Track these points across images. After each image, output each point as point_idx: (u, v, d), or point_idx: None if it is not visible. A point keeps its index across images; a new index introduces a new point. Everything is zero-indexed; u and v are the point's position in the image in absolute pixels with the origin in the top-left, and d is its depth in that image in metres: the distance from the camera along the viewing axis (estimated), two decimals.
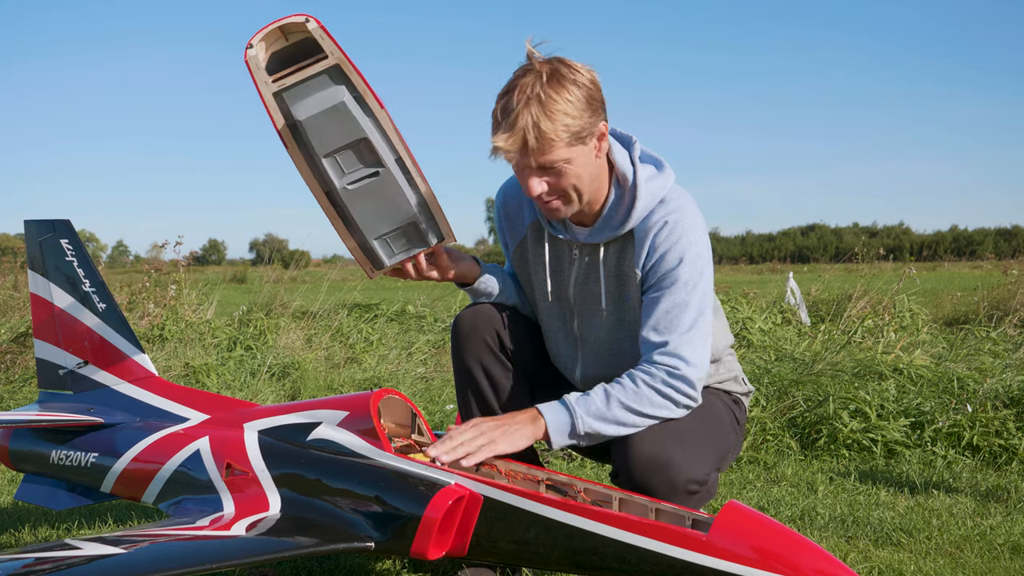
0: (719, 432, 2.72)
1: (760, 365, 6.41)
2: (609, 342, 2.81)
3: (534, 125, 2.43)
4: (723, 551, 2.21)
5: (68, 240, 3.43)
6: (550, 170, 2.52)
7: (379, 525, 2.51)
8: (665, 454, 2.47)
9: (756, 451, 5.15)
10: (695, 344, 2.60)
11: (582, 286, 2.80)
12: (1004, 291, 10.95)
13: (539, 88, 2.44)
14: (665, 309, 2.61)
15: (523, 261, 2.92)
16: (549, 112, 2.43)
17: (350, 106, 2.32)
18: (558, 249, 2.83)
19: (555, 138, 2.46)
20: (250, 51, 2.23)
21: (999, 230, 54.22)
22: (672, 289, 2.62)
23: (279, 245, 15.29)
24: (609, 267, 2.75)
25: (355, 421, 2.68)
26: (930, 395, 5.59)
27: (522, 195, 2.89)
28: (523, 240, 2.91)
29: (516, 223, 2.92)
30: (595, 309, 2.79)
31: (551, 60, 2.51)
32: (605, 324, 2.80)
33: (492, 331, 2.82)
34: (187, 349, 7.75)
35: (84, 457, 3.18)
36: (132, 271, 16.04)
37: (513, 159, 2.52)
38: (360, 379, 7.34)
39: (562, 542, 2.38)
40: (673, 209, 2.66)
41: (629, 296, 2.74)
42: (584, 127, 2.50)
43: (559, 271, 2.83)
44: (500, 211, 2.96)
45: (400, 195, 2.49)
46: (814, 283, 11.57)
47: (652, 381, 2.57)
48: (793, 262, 34.39)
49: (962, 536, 3.57)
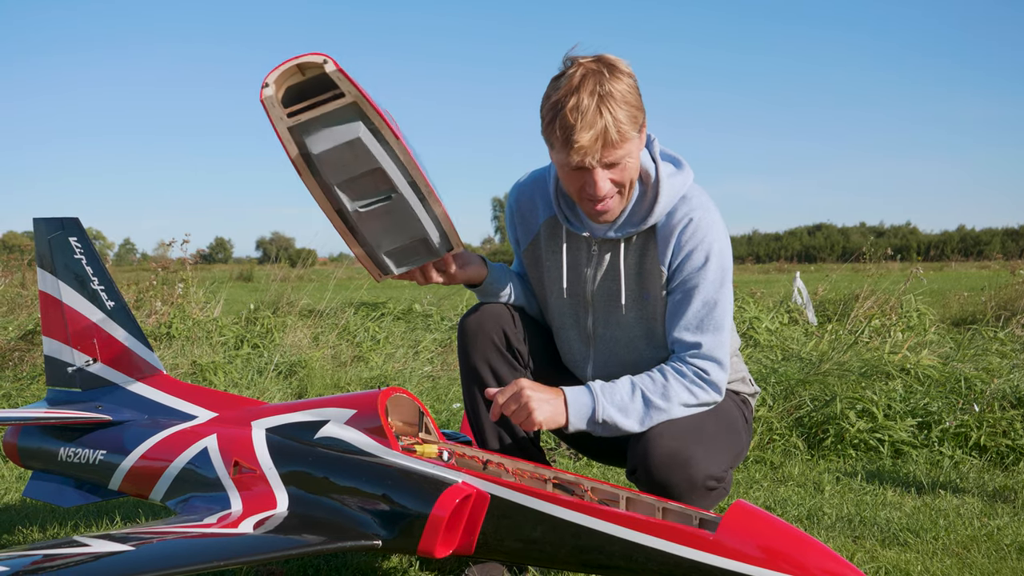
0: (734, 430, 2.74)
1: (767, 365, 6.41)
2: (625, 340, 2.81)
3: (614, 121, 2.46)
4: (730, 550, 2.21)
5: (77, 238, 3.44)
6: (615, 166, 2.55)
7: (386, 523, 2.51)
8: (685, 451, 2.48)
9: (763, 451, 5.15)
10: (724, 345, 2.66)
11: (601, 283, 2.80)
12: (1012, 291, 10.93)
13: (606, 85, 2.47)
14: (696, 309, 2.65)
15: (535, 259, 2.92)
16: (620, 104, 2.48)
17: (365, 140, 2.30)
18: (575, 246, 2.83)
19: (630, 130, 2.51)
20: (266, 90, 2.20)
21: (1006, 230, 54.05)
22: (701, 288, 2.66)
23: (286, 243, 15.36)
24: (630, 264, 2.75)
25: (362, 419, 2.68)
26: (937, 395, 5.58)
27: (536, 194, 2.89)
28: (536, 237, 2.91)
29: (529, 221, 2.92)
30: (613, 306, 2.79)
31: (597, 58, 2.53)
32: (623, 321, 2.79)
33: (499, 331, 2.82)
34: (194, 347, 7.76)
35: (92, 455, 3.19)
36: (139, 269, 16.06)
37: (584, 158, 2.50)
38: (367, 378, 7.35)
39: (569, 541, 2.38)
40: (696, 206, 2.68)
41: (649, 294, 2.74)
42: (641, 117, 2.56)
43: (576, 268, 2.83)
44: (513, 209, 2.96)
45: (411, 216, 2.48)
46: (821, 283, 11.55)
47: (683, 380, 2.61)
48: (800, 262, 34.36)
49: (969, 536, 3.56)
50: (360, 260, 2.58)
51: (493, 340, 2.82)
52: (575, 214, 2.80)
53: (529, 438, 2.85)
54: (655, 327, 2.77)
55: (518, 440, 2.83)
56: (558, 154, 2.54)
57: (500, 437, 2.83)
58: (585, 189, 2.58)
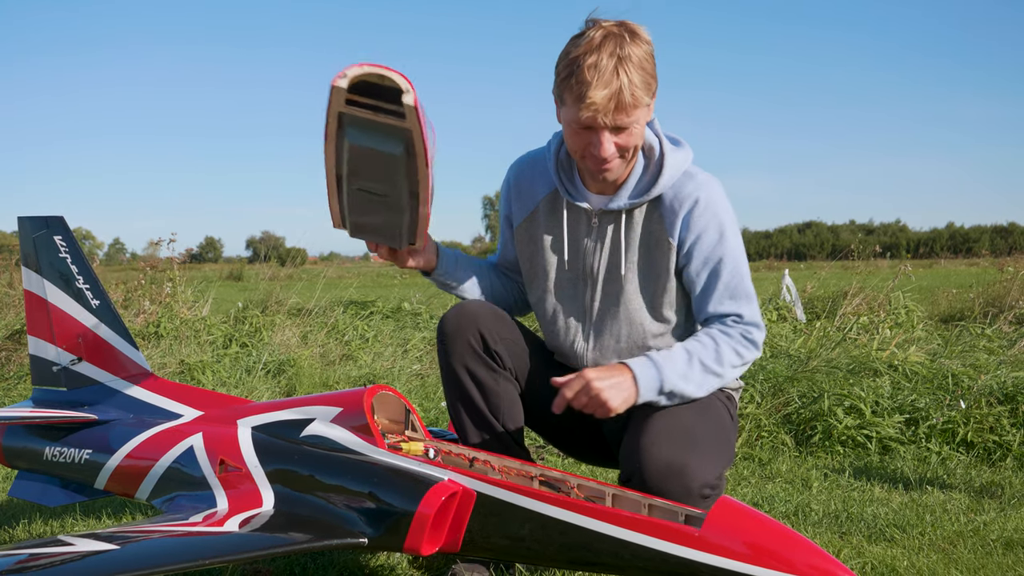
0: (724, 433, 2.73)
1: (755, 362, 6.41)
2: (624, 313, 2.79)
3: (630, 83, 2.48)
4: (716, 547, 2.21)
5: (62, 237, 3.42)
6: (623, 130, 2.57)
7: (372, 521, 2.51)
8: (680, 461, 2.45)
9: (751, 447, 5.16)
10: (758, 310, 2.75)
11: (601, 255, 2.80)
12: (1000, 288, 10.97)
13: (626, 48, 2.49)
14: (727, 282, 2.70)
15: (531, 236, 2.90)
16: (638, 71, 2.50)
17: (398, 162, 2.31)
18: (576, 218, 2.83)
19: (644, 96, 2.54)
20: (340, 80, 2.17)
21: (995, 227, 54.30)
22: (724, 261, 2.71)
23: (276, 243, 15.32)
24: (633, 236, 2.77)
25: (349, 417, 2.68)
26: (925, 391, 5.60)
27: (535, 170, 2.90)
28: (534, 212, 2.89)
29: (527, 196, 2.91)
30: (613, 278, 2.79)
31: (620, 23, 2.55)
32: (622, 295, 2.79)
33: (476, 333, 2.80)
34: (183, 346, 7.74)
35: (78, 454, 3.18)
36: (128, 269, 15.99)
37: (600, 117, 2.53)
38: (355, 376, 7.34)
39: (556, 538, 2.38)
40: (702, 183, 2.73)
41: (653, 267, 2.76)
42: (654, 86, 2.60)
43: (576, 240, 2.83)
44: (511, 184, 2.95)
45: (396, 212, 2.49)
46: (810, 280, 11.58)
47: (731, 342, 2.67)
48: (790, 259, 34.43)
49: (956, 532, 3.57)
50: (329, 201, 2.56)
51: (470, 343, 2.80)
52: (575, 187, 2.81)
53: (513, 438, 2.84)
54: (656, 301, 2.78)
55: (502, 441, 2.81)
56: (569, 110, 2.56)
57: (483, 439, 2.81)
58: (589, 148, 2.60)
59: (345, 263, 29.68)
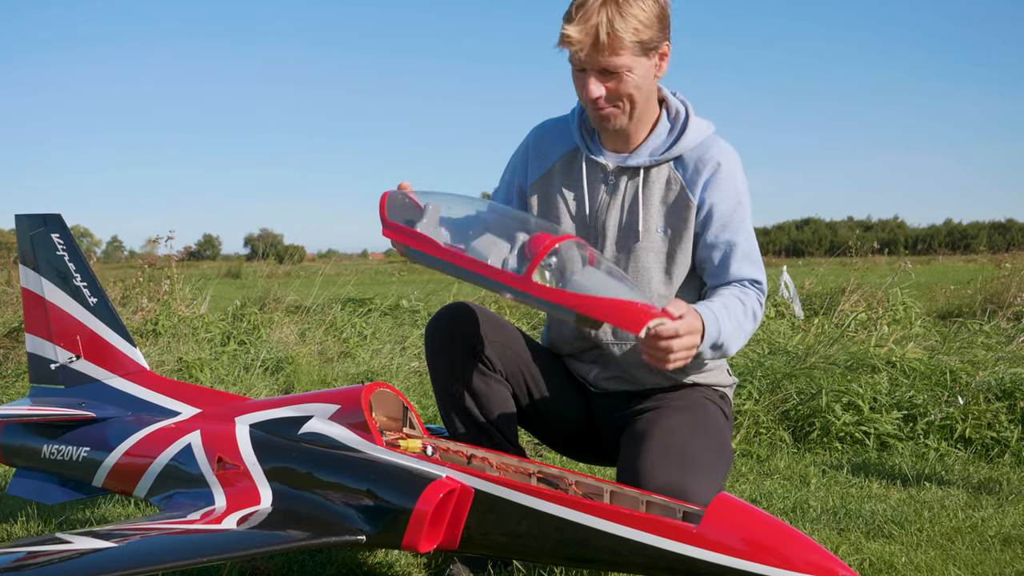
0: (723, 446, 2.71)
1: (753, 358, 6.42)
2: (635, 270, 2.80)
3: (608, 22, 2.52)
4: (714, 543, 2.21)
5: (59, 234, 3.42)
6: (612, 75, 2.61)
7: (370, 518, 2.51)
8: (679, 483, 2.42)
9: (749, 444, 5.16)
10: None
11: (616, 212, 2.81)
12: (998, 284, 10.98)
13: None
14: (744, 247, 2.74)
15: (546, 193, 2.91)
16: (623, 14, 2.54)
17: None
18: (593, 174, 2.85)
19: (625, 40, 2.56)
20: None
21: (993, 224, 54.21)
22: (743, 227, 2.76)
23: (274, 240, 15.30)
24: (651, 193, 2.78)
25: (346, 415, 2.68)
26: (923, 388, 5.60)
27: (557, 130, 2.92)
28: (550, 170, 2.91)
29: (545, 154, 2.93)
30: (628, 236, 2.80)
31: None
32: (636, 251, 2.79)
33: (464, 336, 2.79)
34: (180, 344, 7.73)
35: (76, 451, 3.17)
36: (127, 266, 15.97)
37: (580, 54, 2.57)
38: (354, 373, 7.33)
39: (553, 535, 2.38)
40: (725, 150, 2.80)
41: (671, 226, 2.78)
42: (652, 39, 2.61)
43: (593, 196, 2.84)
44: (530, 144, 2.97)
45: None
46: (808, 276, 11.58)
47: (753, 305, 2.68)
48: (788, 256, 34.44)
49: (953, 528, 3.58)
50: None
51: (457, 348, 2.80)
52: (594, 143, 2.85)
53: (508, 440, 2.82)
54: (671, 259, 2.79)
55: (496, 444, 2.80)
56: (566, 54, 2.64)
57: (477, 442, 2.79)
58: (584, 93, 2.66)
59: (343, 260, 29.63)
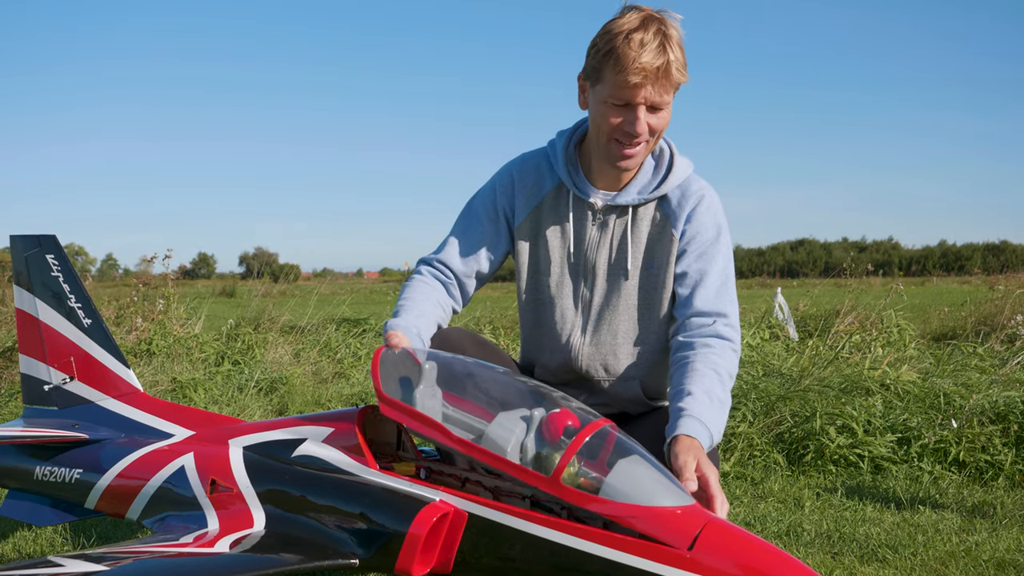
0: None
1: (748, 380, 6.42)
2: (623, 307, 2.84)
3: (676, 59, 2.59)
4: (707, 568, 2.20)
5: (54, 255, 3.42)
6: (658, 110, 2.66)
7: (364, 542, 2.50)
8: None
9: (743, 467, 5.16)
10: (738, 312, 2.80)
11: (604, 250, 2.85)
12: (991, 306, 11.00)
13: (669, 30, 2.61)
14: (716, 280, 2.78)
15: (534, 230, 2.92)
16: (680, 52, 2.62)
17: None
18: (581, 212, 2.88)
19: (681, 78, 2.64)
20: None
21: (987, 245, 54.52)
22: (717, 260, 2.79)
23: (269, 259, 15.31)
24: (639, 231, 2.83)
25: (340, 437, 2.67)
26: (917, 411, 5.60)
27: (541, 166, 2.92)
28: (539, 206, 2.92)
29: (531, 192, 2.93)
30: (616, 273, 2.84)
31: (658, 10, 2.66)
32: (623, 289, 2.84)
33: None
34: (175, 364, 7.72)
35: (68, 473, 3.16)
36: (121, 285, 15.95)
37: (641, 88, 2.59)
38: (348, 394, 7.32)
39: (547, 558, 2.37)
40: (706, 186, 2.87)
41: (655, 263, 2.82)
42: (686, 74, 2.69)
43: (580, 234, 2.87)
44: (514, 178, 2.94)
45: None
46: (803, 298, 11.60)
47: (727, 364, 2.66)
48: (782, 277, 34.51)
49: (948, 552, 3.58)
50: None
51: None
52: (582, 181, 2.86)
53: None
54: (654, 297, 2.83)
55: None
56: (607, 86, 2.63)
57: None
58: (623, 126, 2.66)
59: (338, 279, 29.69)
